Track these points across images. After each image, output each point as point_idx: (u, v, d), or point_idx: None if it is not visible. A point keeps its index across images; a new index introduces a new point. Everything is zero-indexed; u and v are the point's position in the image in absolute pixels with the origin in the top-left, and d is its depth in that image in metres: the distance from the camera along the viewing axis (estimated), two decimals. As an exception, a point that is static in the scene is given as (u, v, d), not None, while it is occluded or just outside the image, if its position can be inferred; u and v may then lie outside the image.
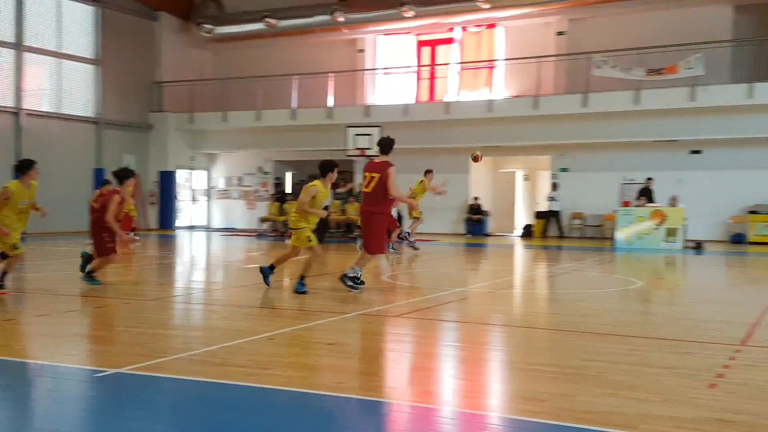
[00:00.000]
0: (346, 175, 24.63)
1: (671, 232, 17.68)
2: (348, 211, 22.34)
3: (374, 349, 6.28)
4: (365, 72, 26.28)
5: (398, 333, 6.97)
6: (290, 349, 5.88)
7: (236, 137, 26.46)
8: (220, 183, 28.14)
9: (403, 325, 7.28)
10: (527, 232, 23.36)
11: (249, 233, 24.17)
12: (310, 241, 8.80)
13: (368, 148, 20.96)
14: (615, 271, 13.71)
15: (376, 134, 20.99)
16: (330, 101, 24.52)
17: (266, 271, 9.41)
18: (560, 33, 23.61)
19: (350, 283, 8.81)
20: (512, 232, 24.58)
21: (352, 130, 21.26)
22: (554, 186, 22.67)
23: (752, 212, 20.03)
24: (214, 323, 7.42)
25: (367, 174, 9.02)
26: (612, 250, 17.61)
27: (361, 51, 26.62)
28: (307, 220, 8.90)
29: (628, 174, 21.69)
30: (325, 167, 8.89)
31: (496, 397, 4.75)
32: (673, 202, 18.50)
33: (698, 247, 17.66)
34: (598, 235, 21.85)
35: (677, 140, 20.80)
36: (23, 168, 8.71)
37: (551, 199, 22.57)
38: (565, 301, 9.28)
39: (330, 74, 24.75)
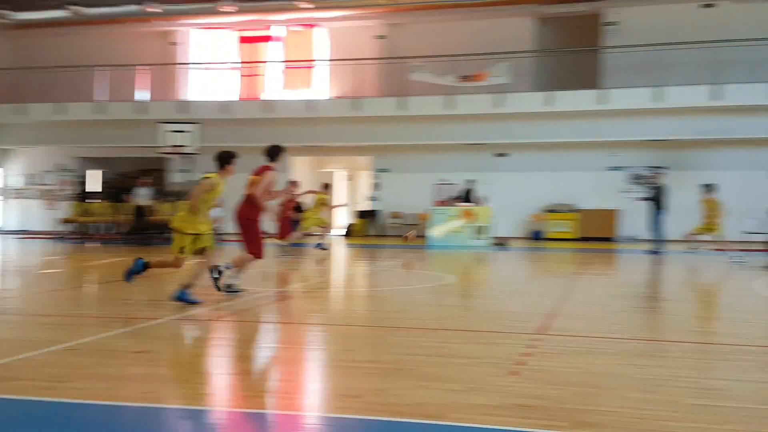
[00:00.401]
0: (160, 174, 23.59)
1: (480, 230, 18.79)
2: (162, 211, 21.32)
3: (188, 356, 6.02)
4: (180, 66, 25.33)
5: (214, 337, 6.74)
6: (94, 359, 5.46)
7: (36, 131, 24.40)
8: (16, 181, 25.73)
9: (219, 328, 7.05)
10: (348, 231, 23.71)
11: (47, 236, 22.32)
12: (182, 252, 7.91)
13: (183, 146, 20.16)
14: (429, 267, 14.28)
15: (193, 131, 20.25)
16: (141, 95, 23.35)
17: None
18: (380, 37, 24.23)
19: (232, 290, 8.42)
20: (333, 232, 24.83)
21: (166, 127, 20.37)
22: (375, 186, 23.22)
23: (549, 211, 21.82)
24: (4, 334, 6.73)
25: (250, 177, 8.68)
26: (427, 248, 18.35)
27: (174, 44, 25.61)
28: (196, 222, 7.83)
29: (442, 175, 22.74)
30: (224, 158, 8.04)
31: (313, 397, 4.73)
32: (481, 201, 19.66)
33: (503, 243, 18.93)
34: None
35: (486, 143, 22.14)
36: None
37: (372, 198, 23.10)
38: (383, 298, 9.50)
39: (140, 67, 23.59)
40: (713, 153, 20.62)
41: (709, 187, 15.41)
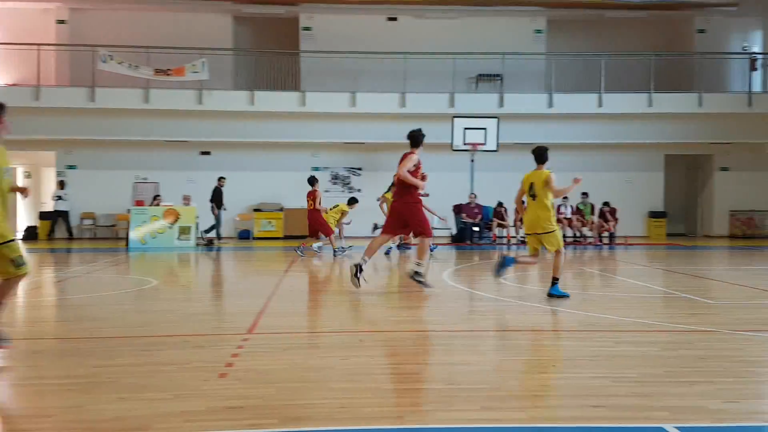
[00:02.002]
0: None
1: (184, 230, 18.21)
2: None
3: None
4: None
5: None
6: None
7: None
8: None
9: None
10: (31, 234, 21.36)
11: None
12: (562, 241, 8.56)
13: None
14: (129, 271, 13.46)
15: None
16: None
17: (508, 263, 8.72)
18: (61, 21, 22.20)
19: (420, 279, 8.96)
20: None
21: None
22: (61, 184, 21.22)
23: (257, 210, 21.96)
24: None
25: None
26: (126, 251, 17.30)
27: None
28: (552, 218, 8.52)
29: (141, 173, 21.61)
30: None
31: (-10, 425, 4.13)
32: (186, 201, 19.08)
33: (210, 243, 18.61)
34: (111, 236, 21.25)
35: (187, 141, 21.51)
36: None
37: (58, 198, 21.07)
38: (76, 307, 8.69)
39: None
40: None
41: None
